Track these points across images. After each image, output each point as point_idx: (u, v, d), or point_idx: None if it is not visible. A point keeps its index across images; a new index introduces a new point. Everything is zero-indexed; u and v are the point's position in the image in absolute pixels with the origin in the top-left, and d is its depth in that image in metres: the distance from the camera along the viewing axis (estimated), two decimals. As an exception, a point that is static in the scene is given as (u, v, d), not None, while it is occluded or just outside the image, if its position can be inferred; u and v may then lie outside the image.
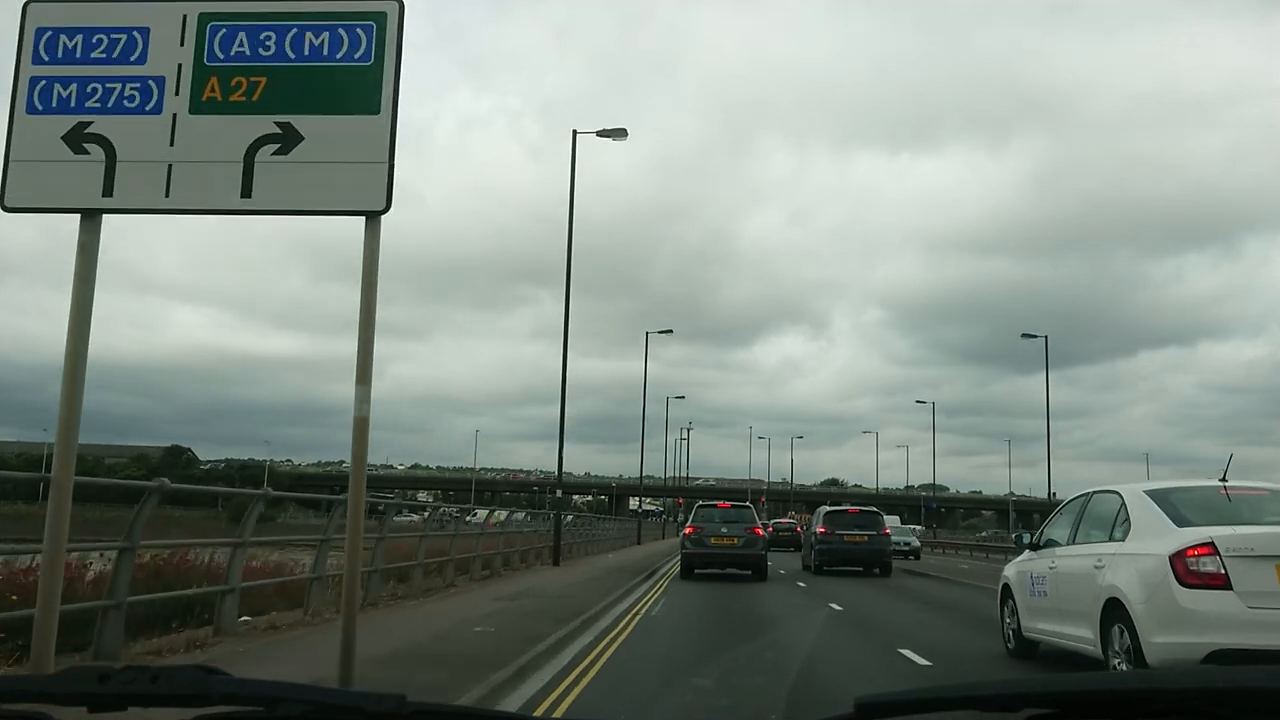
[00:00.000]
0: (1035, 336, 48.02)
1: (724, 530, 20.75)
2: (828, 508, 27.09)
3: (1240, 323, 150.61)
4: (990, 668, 9.30)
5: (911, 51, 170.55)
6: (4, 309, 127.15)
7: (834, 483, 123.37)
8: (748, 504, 25.34)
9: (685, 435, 76.51)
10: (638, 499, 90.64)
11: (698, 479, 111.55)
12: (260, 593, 10.70)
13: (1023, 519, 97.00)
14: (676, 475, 78.75)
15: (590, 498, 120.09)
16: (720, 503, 23.59)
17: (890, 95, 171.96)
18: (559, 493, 30.24)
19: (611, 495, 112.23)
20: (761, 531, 21.61)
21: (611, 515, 74.58)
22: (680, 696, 7.22)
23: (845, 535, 24.39)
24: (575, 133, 25.39)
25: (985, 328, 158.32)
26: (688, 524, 22.05)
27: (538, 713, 6.43)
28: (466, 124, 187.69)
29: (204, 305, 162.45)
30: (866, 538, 24.38)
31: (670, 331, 53.46)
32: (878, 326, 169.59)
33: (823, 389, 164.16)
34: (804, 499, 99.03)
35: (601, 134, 25.57)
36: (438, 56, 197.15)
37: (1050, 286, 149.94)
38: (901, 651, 9.88)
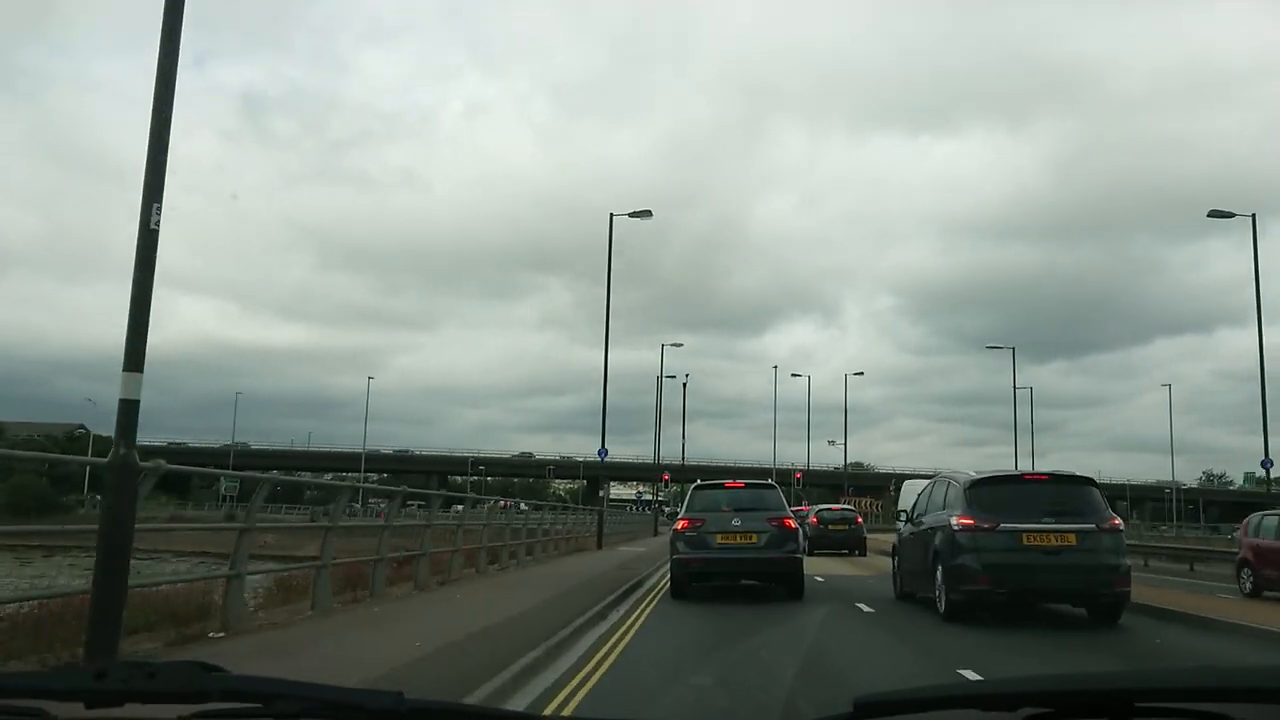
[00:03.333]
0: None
1: (735, 523, 14.15)
2: (973, 475, 12.78)
3: (1261, 308, 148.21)
4: None
5: (933, 30, 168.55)
6: (7, 300, 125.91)
7: (859, 466, 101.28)
8: (770, 482, 17.41)
9: (683, 380, 60.07)
10: (637, 487, 78.21)
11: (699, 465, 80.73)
12: None
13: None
14: (656, 461, 61.86)
15: (555, 481, 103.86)
16: (730, 481, 16.37)
17: (910, 76, 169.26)
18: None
19: (580, 475, 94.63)
20: (793, 524, 14.56)
21: (577, 505, 56.50)
22: None
23: (1026, 533, 11.45)
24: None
25: (999, 315, 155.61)
26: (680, 515, 15.27)
27: None
28: (474, 109, 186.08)
29: (208, 296, 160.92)
30: (1074, 537, 11.51)
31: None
32: (889, 314, 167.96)
33: (833, 378, 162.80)
34: (843, 482, 79.65)
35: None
36: (443, 40, 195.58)
37: (1067, 272, 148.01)
38: None
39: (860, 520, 33.29)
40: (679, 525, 14.76)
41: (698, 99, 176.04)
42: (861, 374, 59.23)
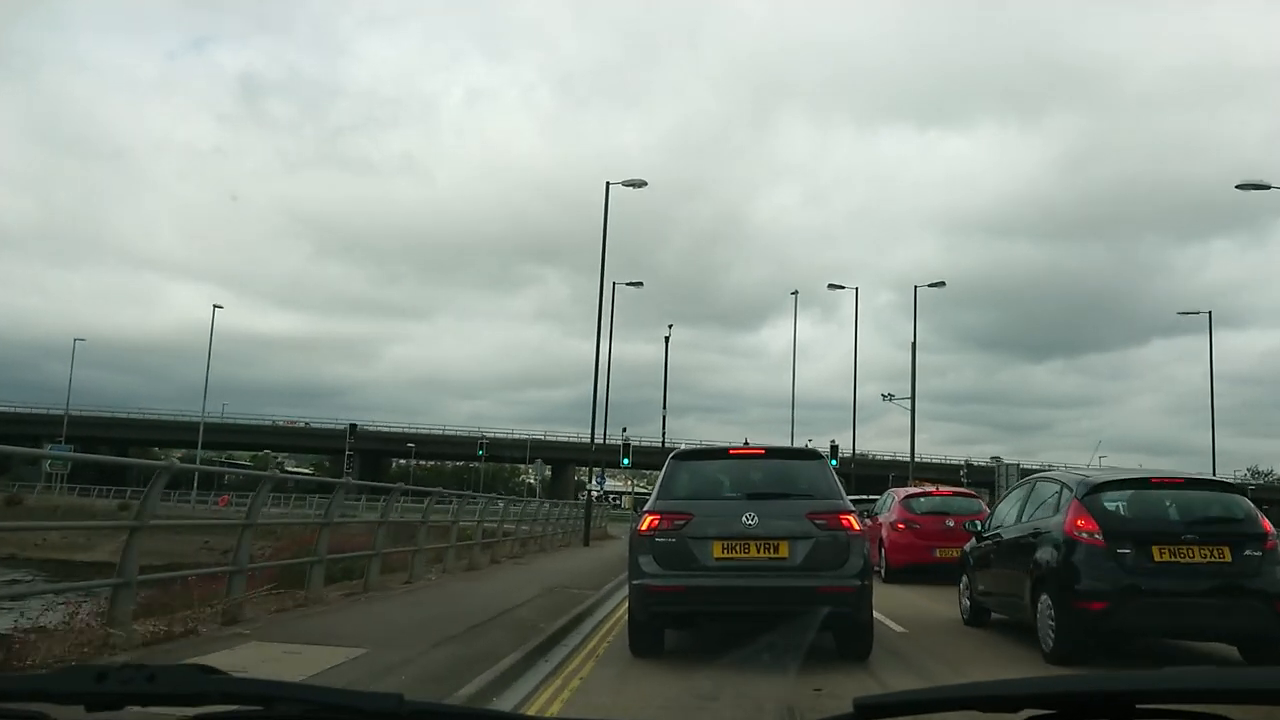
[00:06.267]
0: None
1: (749, 520, 8.10)
2: None
3: (1259, 312, 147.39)
4: None
5: (947, 24, 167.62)
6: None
7: (864, 456, 69.37)
8: (812, 448, 11.71)
9: (666, 332, 49.93)
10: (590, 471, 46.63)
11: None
12: None
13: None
14: (592, 427, 31.42)
15: (527, 467, 79.55)
16: (738, 447, 9.91)
17: (922, 70, 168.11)
18: None
19: (526, 458, 73.38)
20: (856, 524, 8.32)
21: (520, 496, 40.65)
22: None
23: None
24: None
25: (998, 314, 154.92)
26: (646, 507, 8.71)
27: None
28: (478, 96, 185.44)
29: (201, 283, 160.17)
30: None
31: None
32: (888, 310, 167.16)
33: (828, 375, 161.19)
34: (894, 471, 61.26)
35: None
36: (448, 25, 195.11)
37: (1070, 272, 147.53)
38: None
39: (1272, 533, 8.58)
40: (645, 524, 8.26)
41: (705, 90, 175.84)
42: (943, 284, 36.92)
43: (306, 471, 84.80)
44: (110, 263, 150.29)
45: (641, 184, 31.71)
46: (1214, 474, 27.19)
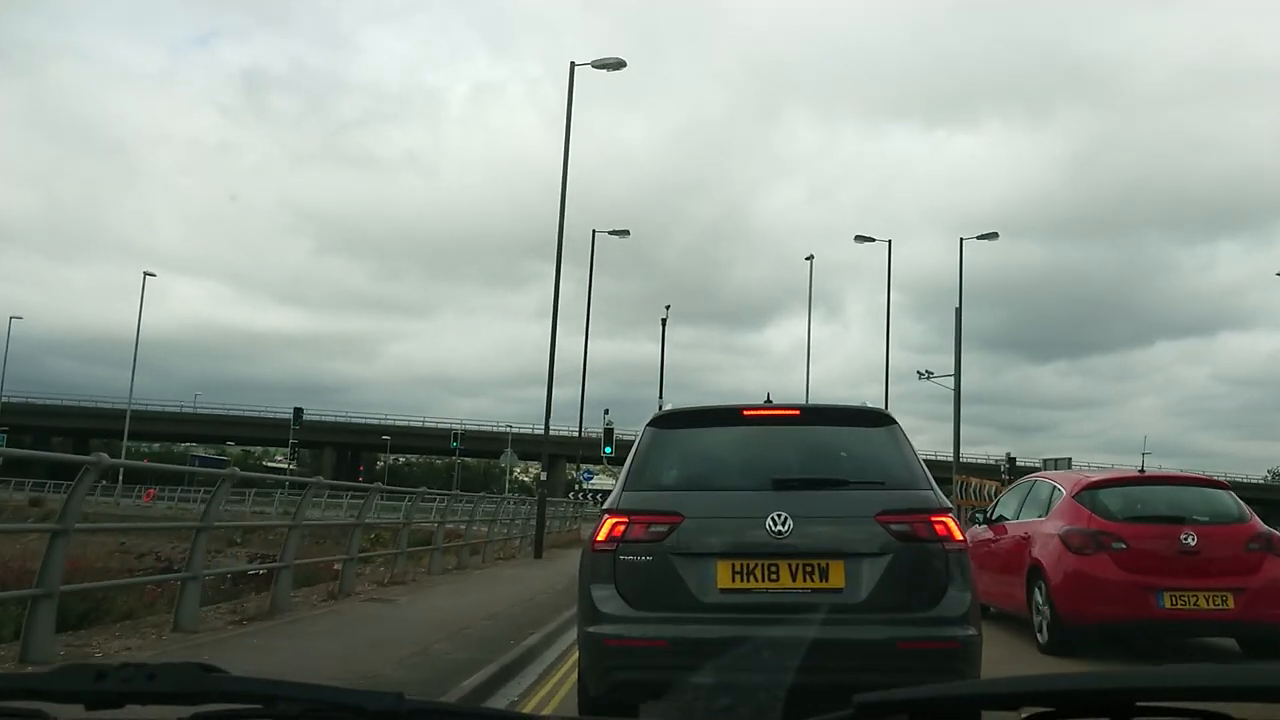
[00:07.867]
0: None
1: (777, 525, 4.58)
2: None
3: (1265, 313, 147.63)
4: None
5: (956, 20, 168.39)
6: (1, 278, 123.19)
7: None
8: (881, 412, 5.59)
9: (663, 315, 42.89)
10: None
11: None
12: None
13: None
14: (548, 406, 17.73)
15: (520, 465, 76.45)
16: (755, 407, 5.39)
17: (930, 67, 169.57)
18: None
19: (507, 449, 60.34)
20: (954, 530, 4.69)
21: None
22: None
23: None
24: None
25: (1003, 314, 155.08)
26: (607, 506, 4.94)
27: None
28: (482, 91, 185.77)
29: (202, 278, 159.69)
30: None
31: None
32: (892, 310, 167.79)
33: (832, 374, 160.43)
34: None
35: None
36: (453, 20, 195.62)
37: (1076, 272, 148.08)
38: None
39: None
40: (603, 531, 4.82)
41: (711, 87, 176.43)
42: (996, 235, 38.58)
43: (291, 466, 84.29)
44: (111, 257, 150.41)
45: (620, 65, 25.95)
46: None
